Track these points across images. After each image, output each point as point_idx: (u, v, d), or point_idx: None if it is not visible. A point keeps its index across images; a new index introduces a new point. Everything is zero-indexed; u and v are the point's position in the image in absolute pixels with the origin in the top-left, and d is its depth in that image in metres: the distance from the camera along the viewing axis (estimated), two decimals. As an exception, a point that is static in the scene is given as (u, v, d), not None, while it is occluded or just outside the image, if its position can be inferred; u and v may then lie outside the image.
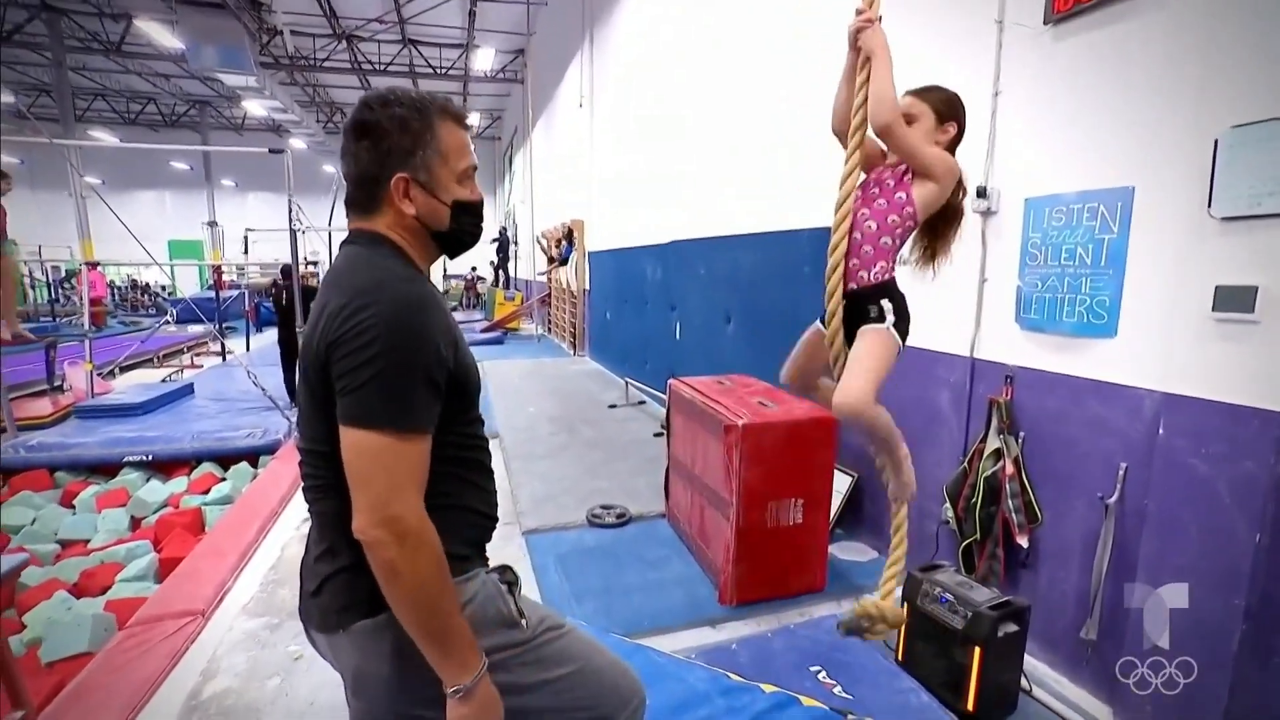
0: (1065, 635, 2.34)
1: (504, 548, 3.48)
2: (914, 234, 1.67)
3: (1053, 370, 2.37)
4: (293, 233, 5.46)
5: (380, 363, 0.92)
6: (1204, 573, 1.90)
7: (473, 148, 1.17)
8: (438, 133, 1.06)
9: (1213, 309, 1.86)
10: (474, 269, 22.54)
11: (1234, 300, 1.83)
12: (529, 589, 3.03)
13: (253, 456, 5.18)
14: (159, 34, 11.38)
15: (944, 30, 2.82)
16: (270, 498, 4.04)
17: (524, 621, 1.10)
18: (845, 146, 1.61)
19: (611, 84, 8.50)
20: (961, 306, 2.75)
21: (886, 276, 1.59)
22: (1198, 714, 1.91)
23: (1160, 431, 2.00)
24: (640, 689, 1.23)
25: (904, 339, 1.61)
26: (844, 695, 2.13)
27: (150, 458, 5.06)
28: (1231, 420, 1.83)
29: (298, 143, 20.24)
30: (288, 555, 3.37)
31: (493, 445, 5.04)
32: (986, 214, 2.61)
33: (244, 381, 7.43)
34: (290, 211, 5.28)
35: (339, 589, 1.03)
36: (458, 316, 17.03)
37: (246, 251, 12.21)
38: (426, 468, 0.98)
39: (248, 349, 10.42)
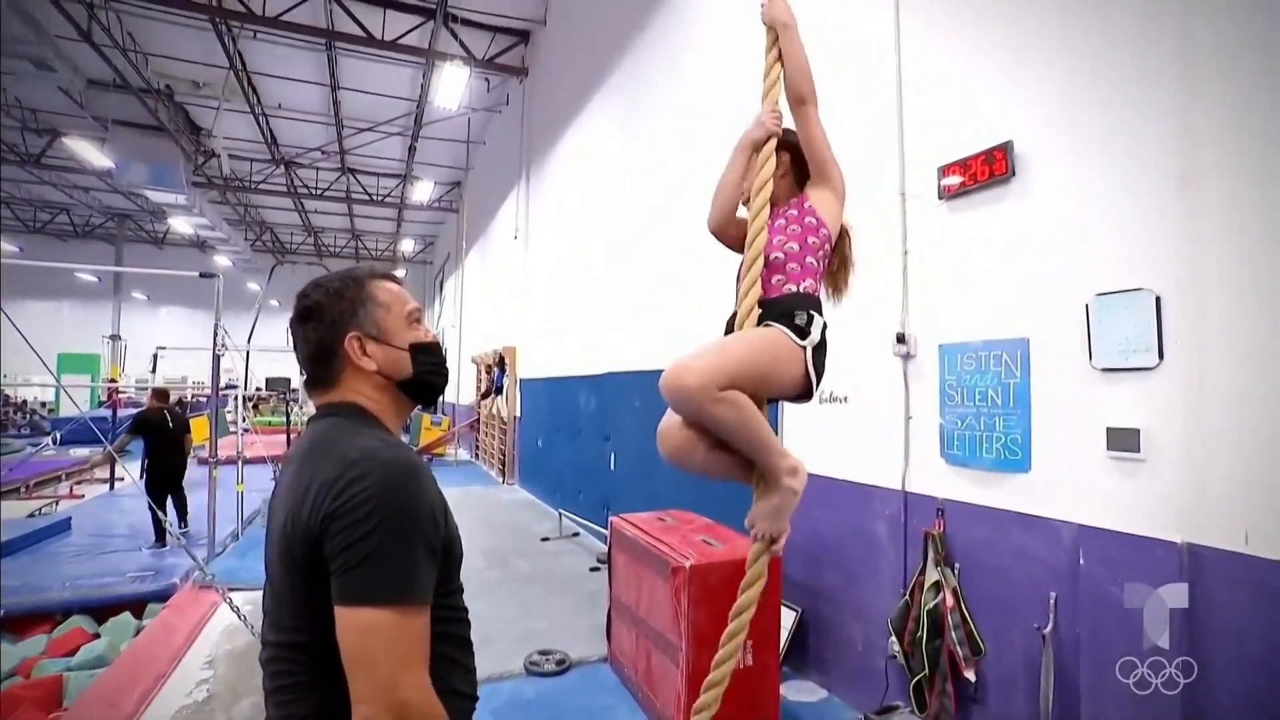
0: (1022, 776, 2.32)
1: (433, 706, 3.15)
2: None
3: (978, 503, 2.54)
4: (216, 357, 5.22)
5: (381, 534, 0.89)
6: (1141, 704, 1.98)
7: (408, 295, 1.18)
8: (371, 290, 1.11)
9: (1107, 448, 2.10)
10: None
11: (1122, 440, 2.07)
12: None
13: (138, 605, 4.54)
14: (88, 152, 11.23)
15: (859, 197, 3.23)
16: (157, 657, 3.52)
17: None
18: (727, 243, 1.57)
19: (548, 217, 9.00)
20: (891, 442, 2.94)
21: (808, 289, 1.43)
22: None
23: (1081, 561, 2.15)
24: None
25: (818, 371, 1.36)
26: None
27: (2, 613, 4.34)
28: (1138, 550, 2.01)
29: (223, 259, 19.83)
30: (174, 729, 2.91)
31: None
32: (906, 357, 2.88)
33: (135, 514, 6.69)
34: (216, 335, 5.09)
35: None
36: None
37: (155, 370, 11.44)
38: (429, 642, 0.92)
39: (142, 475, 9.44)
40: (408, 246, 22.53)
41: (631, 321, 5.85)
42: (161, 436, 6.20)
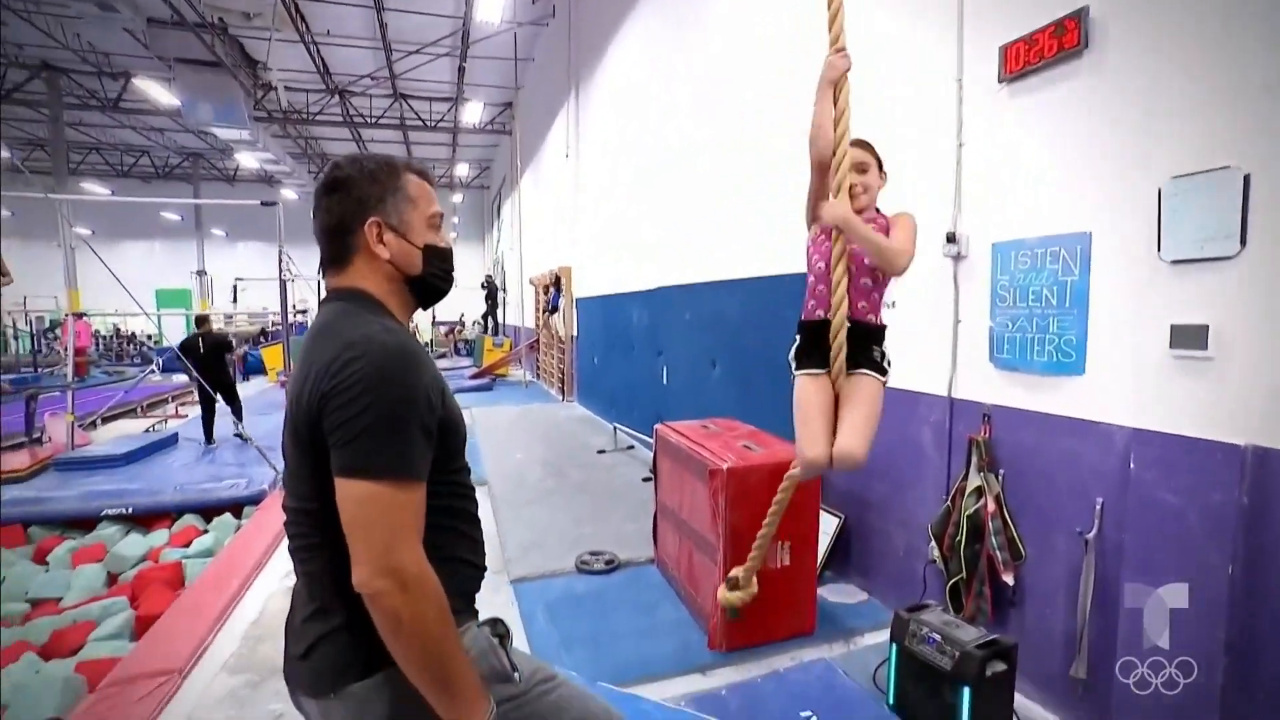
0: (1055, 674, 2.34)
1: (491, 596, 3.43)
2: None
3: (1027, 408, 2.44)
4: (283, 282, 5.51)
5: (374, 412, 0.93)
6: (1186, 608, 1.93)
7: (455, 200, 1.22)
8: (404, 182, 1.12)
9: (1170, 346, 1.95)
10: (461, 315, 22.66)
11: (1188, 338, 1.92)
12: (517, 638, 2.97)
13: (236, 508, 5.10)
14: (156, 92, 11.67)
15: (909, 87, 2.99)
16: (254, 550, 3.97)
17: (517, 675, 1.09)
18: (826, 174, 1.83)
19: (597, 134, 8.78)
20: (938, 347, 2.83)
21: (883, 324, 1.84)
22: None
23: (1131, 466, 2.06)
24: None
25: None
26: (836, 741, 2.11)
27: (130, 510, 4.97)
28: (1196, 453, 1.90)
29: (289, 193, 20.54)
30: (271, 609, 3.30)
31: (480, 492, 5.00)
32: (957, 258, 2.72)
33: (228, 431, 7.38)
34: (281, 262, 5.35)
35: (332, 651, 1.02)
36: (445, 364, 17.08)
37: (235, 300, 12.24)
38: (424, 515, 0.98)
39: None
40: (463, 171, 22.58)
41: (682, 235, 5.75)
42: (199, 358, 6.95)
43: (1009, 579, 2.44)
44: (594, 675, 2.57)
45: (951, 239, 2.71)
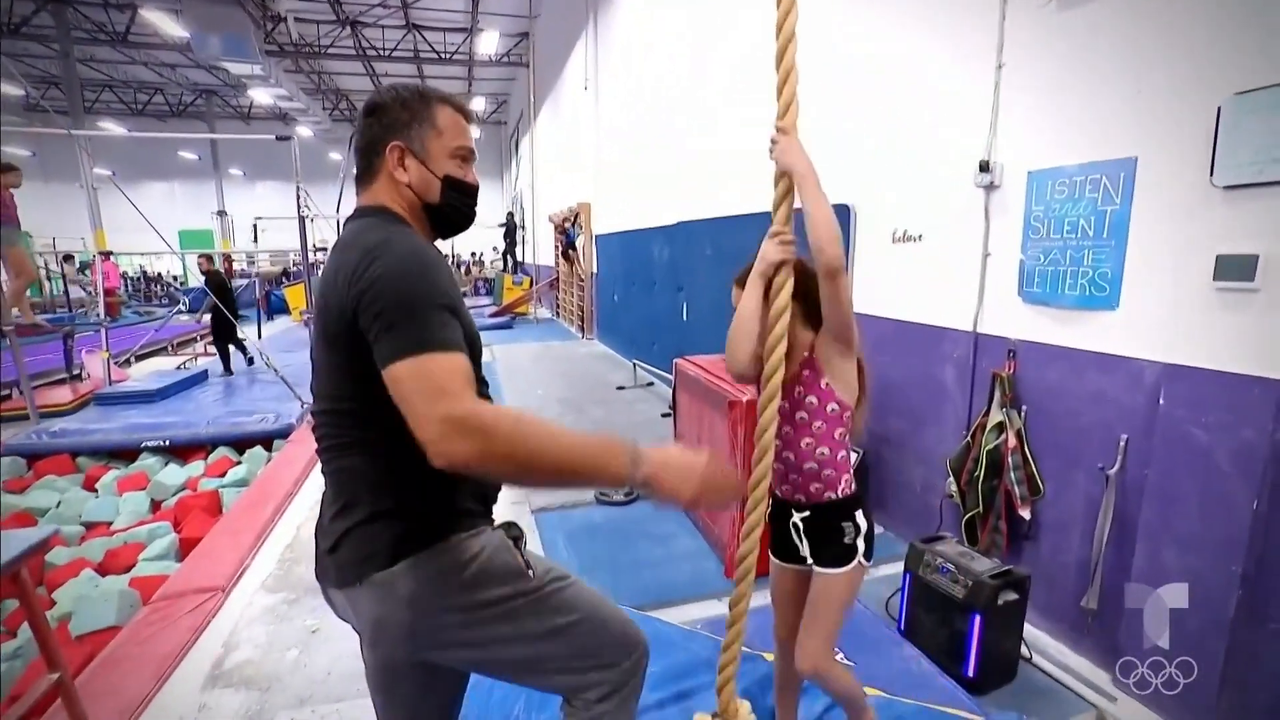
0: (1066, 605, 2.37)
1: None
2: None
3: (1055, 343, 2.38)
4: (301, 219, 5.50)
5: (403, 301, 0.96)
6: (1203, 540, 1.92)
7: (474, 136, 1.23)
8: (434, 110, 1.15)
9: (1214, 278, 1.87)
10: (474, 254, 22.55)
11: (1235, 269, 1.83)
12: (539, 565, 3.10)
13: (266, 440, 5.27)
14: (164, 23, 11.40)
15: (945, 10, 2.79)
16: (285, 480, 4.13)
17: (531, 571, 1.13)
18: (753, 384, 1.55)
19: (616, 65, 8.43)
20: (965, 281, 2.75)
21: (853, 489, 1.52)
22: (1202, 674, 1.95)
23: (1161, 402, 2.01)
24: (643, 639, 1.27)
25: (870, 556, 1.54)
26: (846, 662, 2.18)
27: (168, 443, 5.16)
28: (1231, 389, 1.84)
29: (304, 131, 20.25)
30: (303, 534, 3.45)
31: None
32: (989, 188, 2.60)
33: (258, 367, 7.57)
34: (299, 198, 5.32)
35: (357, 542, 1.07)
36: (466, 303, 17.38)
37: (256, 240, 12.30)
38: (473, 375, 0.99)
39: (259, 336, 10.53)
40: (480, 105, 22.00)
41: (704, 167, 5.58)
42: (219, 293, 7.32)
43: (1025, 514, 2.45)
44: (614, 599, 2.66)
45: (985, 168, 2.58)
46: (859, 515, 1.52)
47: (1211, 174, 1.86)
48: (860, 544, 1.52)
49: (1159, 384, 2.02)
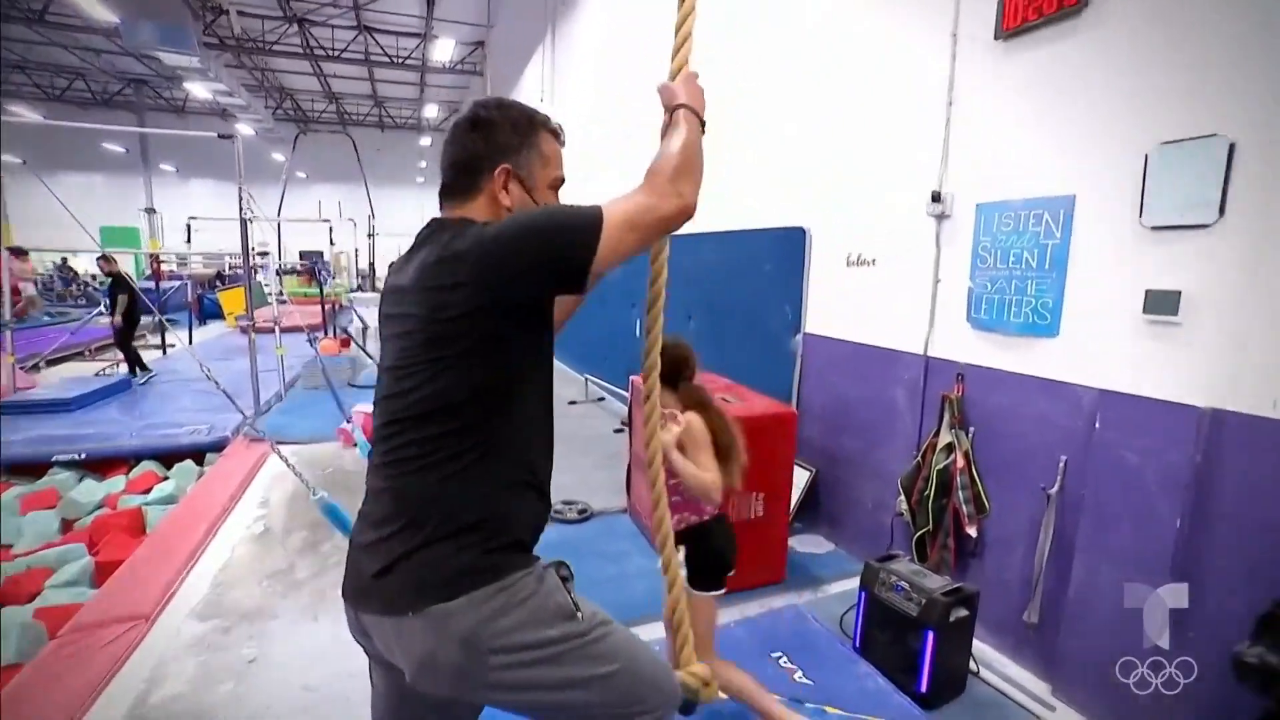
0: (1009, 619, 2.47)
1: (466, 544, 3.45)
2: None
3: (1001, 368, 2.50)
4: (244, 222, 5.24)
5: (538, 227, 1.01)
6: (1133, 555, 2.04)
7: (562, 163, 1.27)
8: (540, 138, 1.18)
9: (1143, 311, 2.01)
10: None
11: (1161, 304, 1.97)
12: (492, 585, 3.01)
13: (198, 454, 4.96)
14: (90, 5, 10.71)
15: (903, 41, 2.93)
16: (219, 496, 3.89)
17: (579, 614, 1.10)
18: None
19: (574, 78, 8.46)
20: (917, 306, 2.86)
21: (690, 521, 1.93)
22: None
23: (1097, 426, 2.13)
24: (674, 681, 1.24)
25: (716, 586, 1.96)
26: (804, 680, 2.20)
27: (84, 456, 4.79)
28: (1159, 415, 1.98)
29: (245, 128, 19.40)
30: (239, 556, 3.25)
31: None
32: (941, 217, 2.73)
33: (187, 376, 7.13)
34: (241, 200, 5.07)
35: (416, 568, 1.02)
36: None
37: (189, 240, 11.65)
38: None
39: (190, 341, 9.94)
40: (432, 113, 21.64)
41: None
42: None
43: (972, 531, 2.55)
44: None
45: (936, 198, 2.71)
46: (713, 541, 1.94)
47: (1141, 215, 2.00)
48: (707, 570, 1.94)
49: (1096, 409, 2.14)
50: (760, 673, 2.19)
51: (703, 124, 1.16)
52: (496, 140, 1.13)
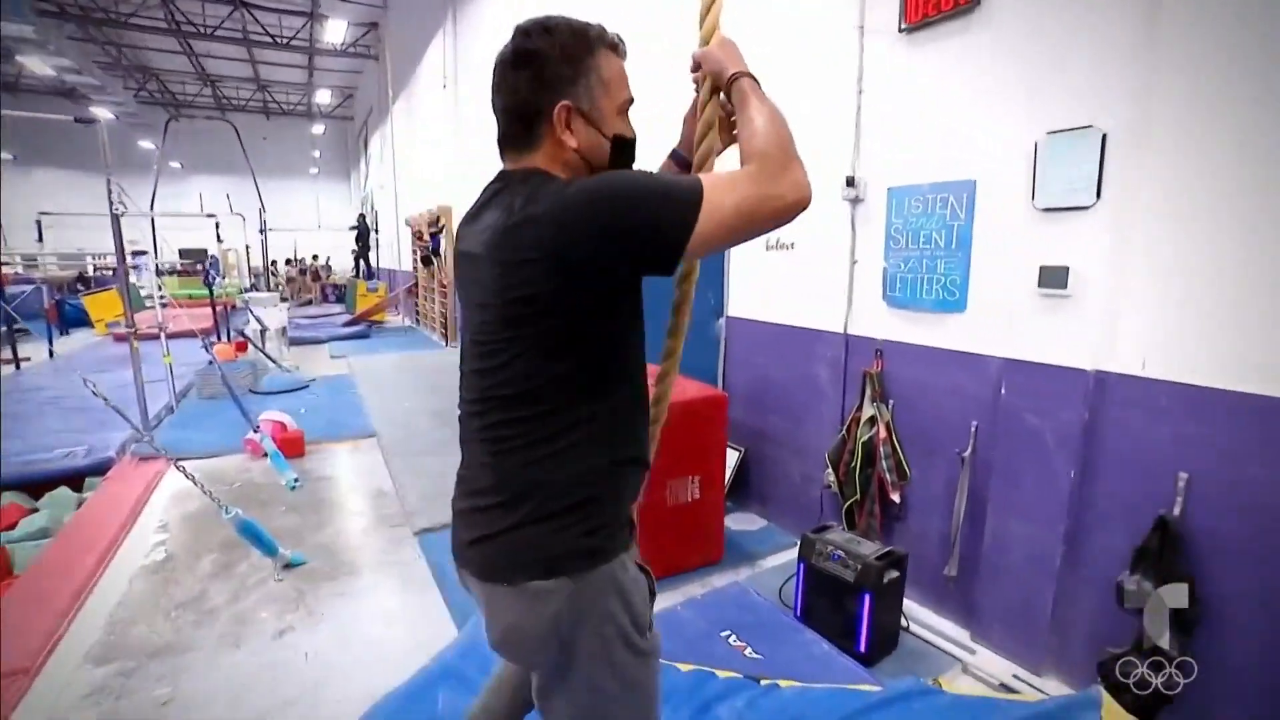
0: (932, 575, 2.66)
1: (396, 550, 3.30)
2: None
3: (916, 343, 2.67)
4: (115, 218, 4.70)
5: (627, 195, 0.89)
6: (1036, 508, 2.25)
7: (627, 79, 1.10)
8: (599, 61, 1.02)
9: (1038, 285, 2.19)
10: (314, 256, 20.79)
11: (1053, 278, 2.16)
12: (427, 592, 2.91)
13: (74, 480, 4.43)
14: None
15: (812, 34, 3.03)
16: (107, 524, 3.50)
17: (650, 633, 1.08)
18: None
19: (478, 64, 8.17)
20: (835, 287, 2.99)
21: None
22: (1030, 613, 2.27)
23: (1002, 392, 2.32)
24: None
25: None
26: (754, 655, 2.28)
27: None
28: (1053, 379, 2.18)
29: (102, 111, 17.39)
30: (138, 589, 2.95)
31: (369, 444, 4.73)
32: (855, 201, 2.86)
33: (52, 392, 6.36)
34: (110, 193, 4.54)
35: (515, 544, 1.00)
36: (313, 311, 15.47)
37: (41, 239, 10.35)
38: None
39: (50, 355, 8.87)
40: (324, 99, 20.28)
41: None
42: None
43: (896, 498, 2.72)
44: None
45: (850, 183, 2.83)
46: None
47: (1033, 197, 2.18)
48: None
49: (1001, 376, 2.33)
50: (712, 652, 2.25)
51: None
52: (547, 75, 0.99)
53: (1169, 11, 1.85)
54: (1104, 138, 2.00)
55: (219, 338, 8.64)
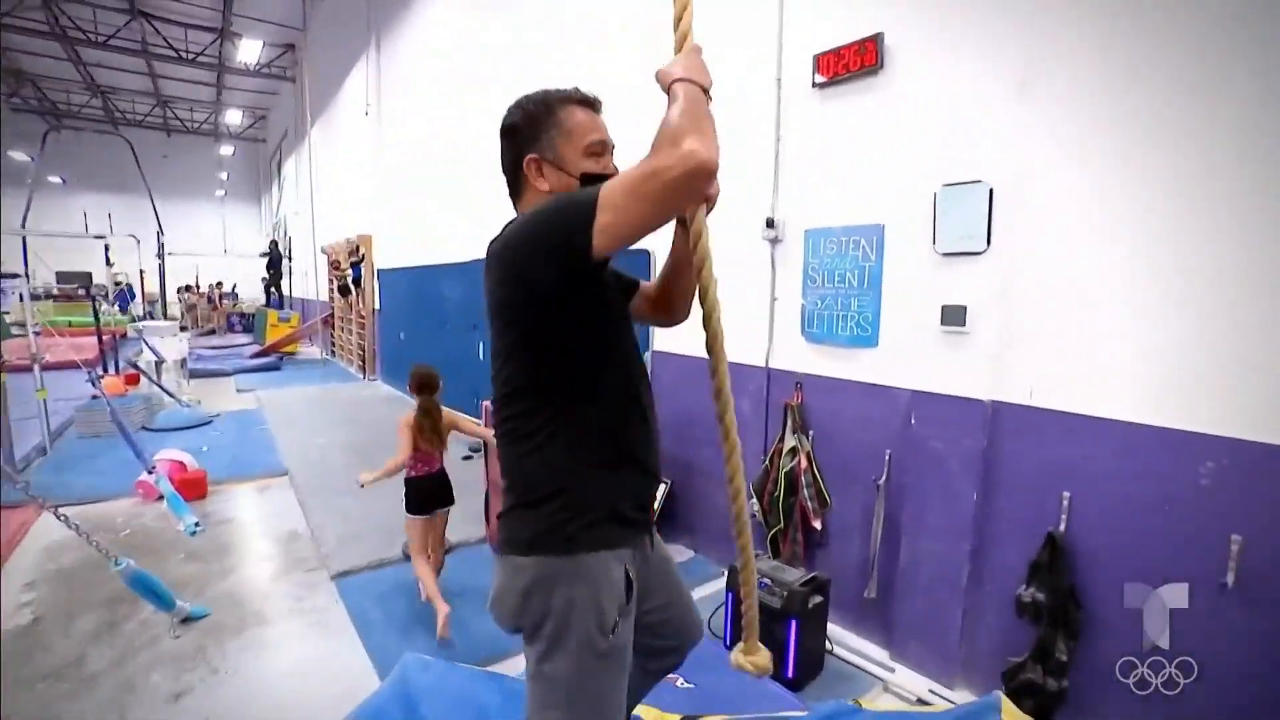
0: (853, 598, 2.77)
1: (311, 595, 3.10)
2: None
3: (833, 376, 2.83)
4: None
5: (541, 215, 1.08)
6: (943, 529, 2.41)
7: (603, 126, 1.28)
8: (558, 115, 1.22)
9: (941, 323, 2.39)
10: (218, 284, 19.56)
11: (953, 316, 2.36)
12: (346, 637, 2.75)
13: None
14: None
15: (735, 85, 3.22)
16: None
17: (611, 634, 1.17)
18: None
19: (402, 93, 8.09)
20: (757, 323, 3.13)
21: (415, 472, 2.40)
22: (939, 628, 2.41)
23: (912, 422, 2.49)
24: None
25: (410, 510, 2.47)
26: (686, 685, 2.29)
27: None
28: (956, 409, 2.36)
29: (-32, 122, 15.83)
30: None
31: (280, 483, 4.46)
32: (774, 242, 3.02)
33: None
34: (-18, 211, 4.12)
35: (509, 523, 1.22)
36: (217, 341, 14.52)
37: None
38: None
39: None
40: (234, 119, 19.31)
41: (500, 205, 5.55)
42: None
43: (818, 525, 2.83)
44: (447, 658, 2.47)
45: (770, 224, 3.00)
46: None
47: (934, 242, 2.40)
48: None
49: (910, 408, 2.51)
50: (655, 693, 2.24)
51: (706, 94, 1.10)
52: (518, 140, 1.24)
53: (1038, 80, 2.11)
54: (990, 191, 2.23)
55: (106, 370, 7.92)
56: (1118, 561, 2.02)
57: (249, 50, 12.32)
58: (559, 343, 1.15)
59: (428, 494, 3.11)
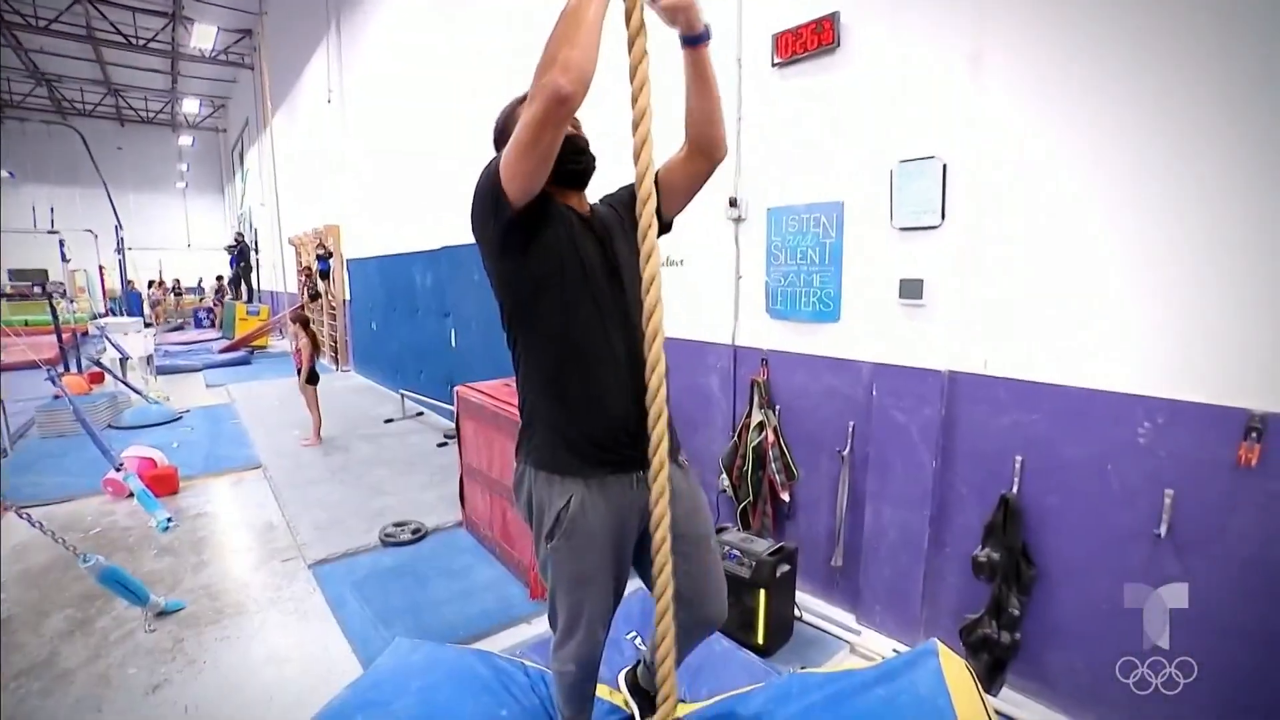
0: (820, 566, 2.86)
1: (288, 585, 3.11)
2: None
3: (797, 351, 2.89)
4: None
5: (476, 190, 1.35)
6: (906, 496, 2.50)
7: (577, 121, 1.50)
8: (520, 110, 1.28)
9: (899, 296, 2.46)
10: (176, 281, 19.08)
11: (910, 289, 2.43)
12: (325, 624, 2.77)
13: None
14: None
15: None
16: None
17: (549, 545, 1.43)
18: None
19: (365, 80, 7.92)
20: (723, 301, 3.18)
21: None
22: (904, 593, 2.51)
23: (874, 393, 2.57)
24: (580, 651, 1.63)
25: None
26: (643, 646, 2.34)
27: None
28: (915, 379, 2.44)
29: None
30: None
31: (254, 476, 4.45)
32: (738, 220, 3.06)
33: None
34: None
35: (518, 435, 1.51)
36: (183, 337, 14.14)
37: None
38: None
39: None
40: (192, 108, 18.69)
41: (467, 191, 5.51)
42: None
43: (786, 496, 2.91)
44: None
45: (733, 203, 3.03)
46: None
47: (892, 218, 2.45)
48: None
49: (872, 380, 2.58)
50: (619, 654, 2.30)
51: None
52: (499, 141, 1.47)
53: (992, 52, 2.16)
54: (944, 167, 2.29)
55: (68, 368, 7.72)
56: (1065, 519, 2.12)
57: (203, 36, 11.92)
58: (513, 287, 1.39)
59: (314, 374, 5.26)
